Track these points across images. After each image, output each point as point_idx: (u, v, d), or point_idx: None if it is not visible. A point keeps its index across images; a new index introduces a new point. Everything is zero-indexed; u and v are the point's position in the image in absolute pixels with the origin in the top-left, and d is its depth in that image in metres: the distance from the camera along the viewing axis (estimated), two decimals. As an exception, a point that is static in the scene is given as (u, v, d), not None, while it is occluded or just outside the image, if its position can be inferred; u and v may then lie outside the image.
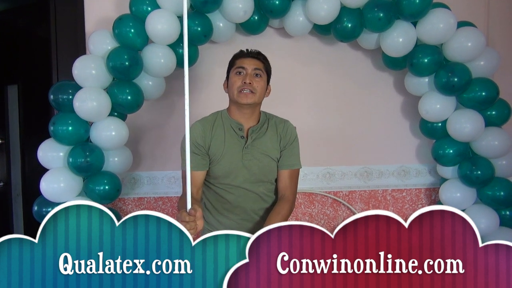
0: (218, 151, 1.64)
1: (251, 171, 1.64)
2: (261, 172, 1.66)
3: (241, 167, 1.63)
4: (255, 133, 1.66)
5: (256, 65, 1.63)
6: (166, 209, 2.56)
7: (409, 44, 2.20)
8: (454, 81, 2.15)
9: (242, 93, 1.59)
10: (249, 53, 1.67)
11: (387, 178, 2.64)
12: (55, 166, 2.10)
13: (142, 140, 2.52)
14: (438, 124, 2.34)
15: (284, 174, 1.70)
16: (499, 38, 2.58)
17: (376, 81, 2.60)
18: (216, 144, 1.64)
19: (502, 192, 2.22)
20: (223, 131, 1.66)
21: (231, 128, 1.67)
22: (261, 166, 1.65)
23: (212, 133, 1.65)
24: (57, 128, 2.06)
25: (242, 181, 1.65)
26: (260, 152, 1.65)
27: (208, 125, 1.67)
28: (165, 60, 2.13)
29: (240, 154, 1.63)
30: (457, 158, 2.30)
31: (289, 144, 1.70)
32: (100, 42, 2.11)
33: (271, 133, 1.69)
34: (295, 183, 1.72)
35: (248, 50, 1.70)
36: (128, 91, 2.11)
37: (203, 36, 2.17)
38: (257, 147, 1.65)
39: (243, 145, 1.64)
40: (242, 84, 1.60)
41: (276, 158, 1.68)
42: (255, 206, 1.69)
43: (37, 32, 2.71)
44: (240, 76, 1.62)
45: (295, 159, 1.72)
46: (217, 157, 1.64)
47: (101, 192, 2.12)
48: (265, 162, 1.66)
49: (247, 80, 1.59)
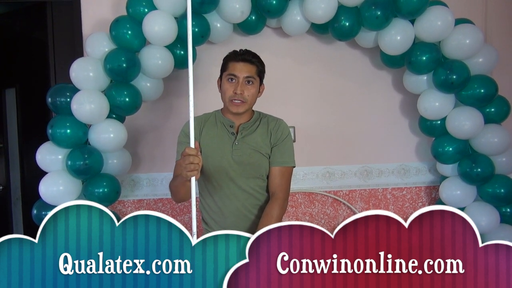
0: (208, 146, 1.67)
1: (241, 166, 1.66)
2: (251, 168, 1.67)
3: (232, 162, 1.65)
4: (246, 130, 1.69)
5: (248, 71, 1.63)
6: (166, 210, 2.55)
7: (407, 42, 2.20)
8: (453, 78, 2.15)
9: (233, 102, 1.63)
10: (241, 56, 1.66)
11: (387, 176, 2.64)
12: (54, 169, 2.10)
13: (141, 142, 2.51)
14: (437, 122, 2.33)
15: (275, 171, 1.69)
16: (497, 34, 2.58)
17: (374, 79, 2.59)
18: (206, 139, 1.68)
19: (502, 189, 2.22)
20: (215, 127, 1.70)
21: (223, 125, 1.70)
22: (251, 162, 1.66)
23: (202, 129, 1.70)
24: (55, 131, 2.05)
25: (233, 176, 1.66)
26: (250, 147, 1.67)
27: (198, 121, 1.72)
28: (162, 61, 2.13)
29: (230, 150, 1.66)
30: (456, 156, 2.30)
31: (281, 141, 1.70)
32: (97, 44, 2.11)
33: (262, 130, 1.70)
34: (287, 181, 1.71)
35: (240, 51, 1.69)
36: (126, 93, 2.11)
37: (200, 36, 2.16)
38: (247, 143, 1.67)
39: (233, 141, 1.67)
40: (233, 94, 1.62)
41: (267, 154, 1.69)
42: (248, 203, 1.68)
43: (35, 35, 2.71)
44: (231, 84, 1.63)
45: (287, 156, 1.70)
46: (207, 152, 1.66)
47: (100, 194, 2.11)
48: (255, 157, 1.67)
49: (238, 90, 1.61)
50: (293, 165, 1.72)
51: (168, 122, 2.51)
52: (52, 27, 2.42)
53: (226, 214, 1.69)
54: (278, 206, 1.63)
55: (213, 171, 1.67)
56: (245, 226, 1.68)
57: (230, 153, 1.65)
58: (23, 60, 2.82)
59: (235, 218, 1.68)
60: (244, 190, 1.68)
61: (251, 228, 1.67)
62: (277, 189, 1.67)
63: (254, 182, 1.69)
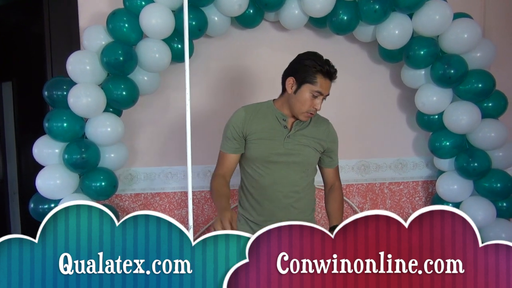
0: (259, 134, 1.69)
1: (290, 158, 1.69)
2: (299, 160, 1.71)
3: (282, 153, 1.68)
4: (299, 126, 1.72)
5: (329, 89, 1.67)
6: (163, 204, 2.55)
7: (405, 36, 2.19)
8: (451, 73, 2.15)
9: (308, 114, 1.66)
10: (331, 75, 1.65)
11: (384, 171, 2.64)
12: (51, 163, 2.09)
13: (138, 136, 2.50)
14: (434, 117, 2.34)
15: (330, 172, 1.85)
16: (495, 29, 2.57)
17: (372, 74, 2.59)
18: (258, 128, 1.69)
19: (498, 183, 2.23)
20: (267, 118, 1.71)
21: (276, 117, 1.71)
22: (300, 155, 1.70)
23: (254, 118, 1.71)
24: (52, 124, 2.04)
25: (279, 167, 1.69)
26: (302, 143, 1.71)
27: (251, 110, 1.73)
28: (160, 54, 2.11)
29: (282, 142, 1.69)
30: (453, 150, 2.31)
31: (335, 146, 1.82)
32: (94, 37, 2.09)
33: (313, 128, 1.75)
34: (339, 173, 1.89)
35: (331, 67, 1.65)
36: (123, 86, 2.10)
37: (197, 30, 2.15)
38: (298, 138, 1.71)
39: (285, 134, 1.70)
40: (313, 110, 1.65)
41: (315, 149, 1.74)
42: (289, 195, 1.72)
43: (31, 28, 2.68)
44: (314, 100, 1.63)
45: (337, 157, 1.86)
46: (257, 140, 1.68)
47: (98, 188, 2.11)
48: (305, 152, 1.71)
49: (318, 107, 1.65)
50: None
51: (166, 116, 2.50)
52: (49, 20, 2.39)
53: (266, 203, 1.73)
54: (341, 193, 1.84)
55: (258, 157, 1.69)
56: (282, 216, 1.70)
57: (282, 145, 1.68)
58: (20, 54, 2.80)
59: (274, 208, 1.72)
60: (287, 181, 1.71)
61: (284, 218, 1.71)
62: (336, 181, 1.85)
63: (298, 175, 1.73)
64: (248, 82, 2.52)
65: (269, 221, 1.71)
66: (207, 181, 2.56)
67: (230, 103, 2.53)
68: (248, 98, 2.36)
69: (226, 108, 2.54)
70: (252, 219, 1.76)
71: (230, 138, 1.70)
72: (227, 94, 2.53)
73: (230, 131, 1.70)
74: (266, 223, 1.71)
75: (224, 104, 2.52)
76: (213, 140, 2.51)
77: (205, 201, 2.59)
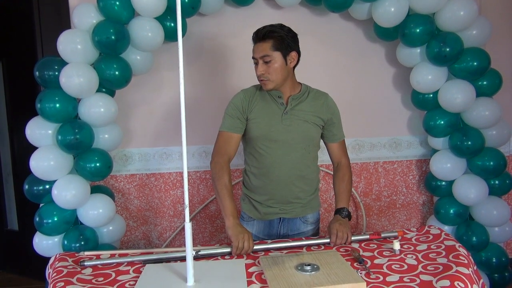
0: (258, 114, 1.71)
1: (289, 135, 1.71)
2: (299, 136, 1.72)
3: (281, 130, 1.70)
4: (295, 101, 1.73)
5: (263, 51, 1.65)
6: (159, 185, 2.55)
7: (401, 13, 2.17)
8: (446, 51, 2.14)
9: (262, 82, 1.68)
10: (256, 36, 1.68)
11: (378, 150, 2.65)
12: (44, 144, 2.07)
13: (132, 117, 2.49)
14: (429, 95, 2.34)
15: (335, 146, 1.85)
16: (491, 6, 2.55)
17: (367, 52, 2.57)
18: (257, 108, 1.72)
19: (491, 162, 2.25)
20: (263, 98, 1.73)
21: (271, 96, 1.73)
22: (300, 131, 1.72)
23: (253, 99, 1.73)
24: (44, 105, 2.02)
25: (280, 145, 1.71)
26: (300, 118, 1.72)
27: (249, 92, 1.76)
28: (152, 33, 2.08)
29: (280, 119, 1.70)
30: (448, 129, 2.31)
31: (336, 118, 1.81)
32: (84, 15, 2.05)
33: (311, 102, 1.75)
34: (346, 150, 1.89)
35: (258, 30, 1.68)
36: (116, 66, 2.07)
37: (191, 8, 2.11)
38: (296, 113, 1.72)
39: (282, 111, 1.71)
40: (258, 75, 1.67)
41: (315, 124, 1.75)
42: (291, 173, 1.74)
43: (20, 7, 2.62)
44: (256, 67, 1.68)
45: (341, 131, 1.86)
46: (257, 119, 1.71)
47: (92, 169, 2.10)
48: (304, 127, 1.72)
49: (258, 72, 1.66)
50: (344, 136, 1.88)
51: (160, 96, 2.48)
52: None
53: (269, 181, 1.74)
54: (348, 171, 1.83)
55: (259, 135, 1.71)
56: (286, 194, 1.75)
57: (280, 122, 1.70)
58: (9, 34, 2.74)
59: (277, 186, 1.74)
60: (288, 159, 1.72)
61: (287, 197, 1.76)
62: (342, 158, 1.85)
63: (300, 152, 1.74)
64: (243, 60, 2.49)
65: (272, 200, 1.76)
66: (202, 161, 2.56)
67: (224, 82, 2.52)
68: (243, 77, 2.33)
69: (221, 88, 2.54)
70: (256, 199, 1.78)
71: (234, 117, 1.70)
72: (221, 73, 2.51)
73: (233, 110, 1.71)
74: (269, 202, 1.76)
75: (218, 83, 2.50)
76: (208, 120, 2.50)
77: (200, 181, 2.59)
